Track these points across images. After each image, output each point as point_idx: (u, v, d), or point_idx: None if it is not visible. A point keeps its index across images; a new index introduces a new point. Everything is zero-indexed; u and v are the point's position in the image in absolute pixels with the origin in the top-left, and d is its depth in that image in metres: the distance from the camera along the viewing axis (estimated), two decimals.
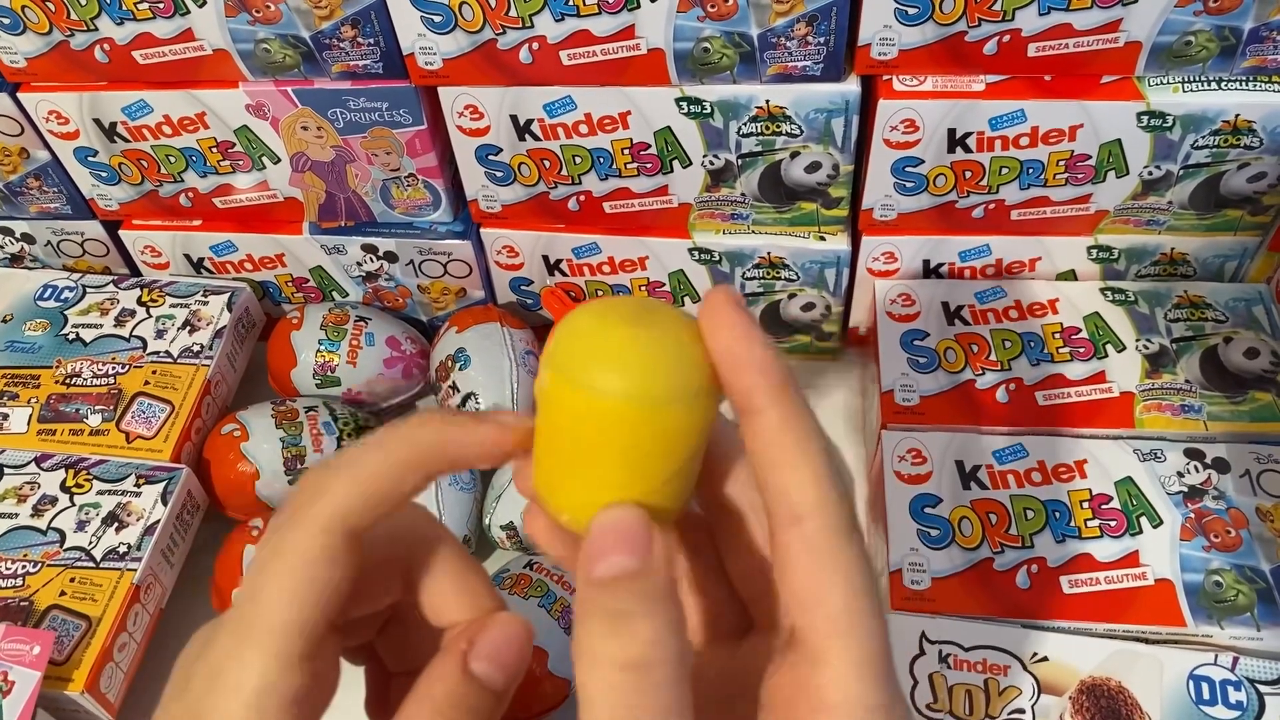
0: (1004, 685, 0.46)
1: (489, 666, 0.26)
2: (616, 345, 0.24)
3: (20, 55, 0.57)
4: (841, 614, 0.23)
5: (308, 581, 0.25)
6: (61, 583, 0.53)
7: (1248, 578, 0.48)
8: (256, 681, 0.24)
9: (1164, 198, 0.56)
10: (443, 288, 0.66)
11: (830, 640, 0.23)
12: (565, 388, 0.24)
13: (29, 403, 0.61)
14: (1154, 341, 0.57)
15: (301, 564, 0.25)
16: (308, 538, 0.25)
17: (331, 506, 0.25)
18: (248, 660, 0.24)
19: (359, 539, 0.25)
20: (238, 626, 0.25)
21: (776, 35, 0.50)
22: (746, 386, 0.24)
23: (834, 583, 0.23)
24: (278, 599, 0.24)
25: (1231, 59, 0.50)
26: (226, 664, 0.24)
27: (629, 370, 0.23)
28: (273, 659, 0.24)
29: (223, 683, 0.24)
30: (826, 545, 0.23)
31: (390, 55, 0.54)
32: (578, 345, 0.24)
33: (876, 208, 0.58)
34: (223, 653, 0.24)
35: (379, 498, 0.25)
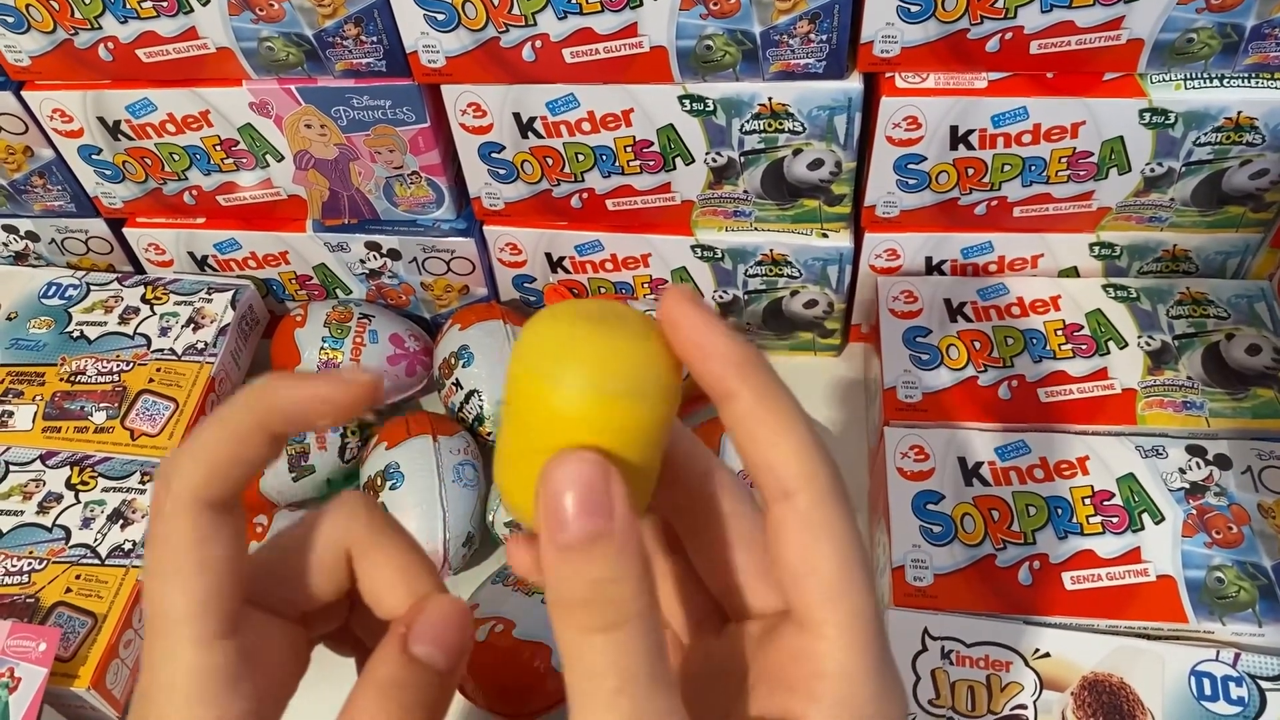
0: (1006, 681, 0.46)
1: (429, 648, 0.26)
2: (575, 341, 0.24)
3: (24, 54, 0.57)
4: (834, 582, 0.23)
5: (190, 565, 0.25)
6: (67, 580, 0.53)
7: (1249, 574, 0.49)
8: (184, 674, 0.24)
9: (1166, 195, 0.56)
10: (446, 285, 0.66)
11: (823, 608, 0.23)
12: (526, 384, 0.24)
13: (34, 400, 0.61)
14: (1156, 338, 0.57)
15: (175, 550, 0.25)
16: (171, 523, 0.25)
17: (180, 486, 0.25)
18: (171, 654, 0.25)
19: (227, 508, 0.26)
20: (151, 631, 0.25)
21: (779, 33, 0.50)
22: (716, 373, 0.24)
23: (826, 552, 0.23)
24: (169, 591, 0.25)
25: (1234, 56, 0.50)
26: (157, 666, 0.25)
27: (587, 364, 0.23)
28: (189, 646, 0.25)
29: (158, 684, 0.25)
30: (818, 516, 0.24)
31: (393, 53, 0.54)
32: (538, 343, 0.24)
33: (879, 205, 0.58)
34: (152, 658, 0.25)
35: (225, 466, 0.25)
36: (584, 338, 0.24)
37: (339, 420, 0.26)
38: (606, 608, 0.22)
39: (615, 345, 0.24)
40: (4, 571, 0.54)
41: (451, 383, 0.61)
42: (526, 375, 0.24)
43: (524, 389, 0.24)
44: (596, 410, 0.23)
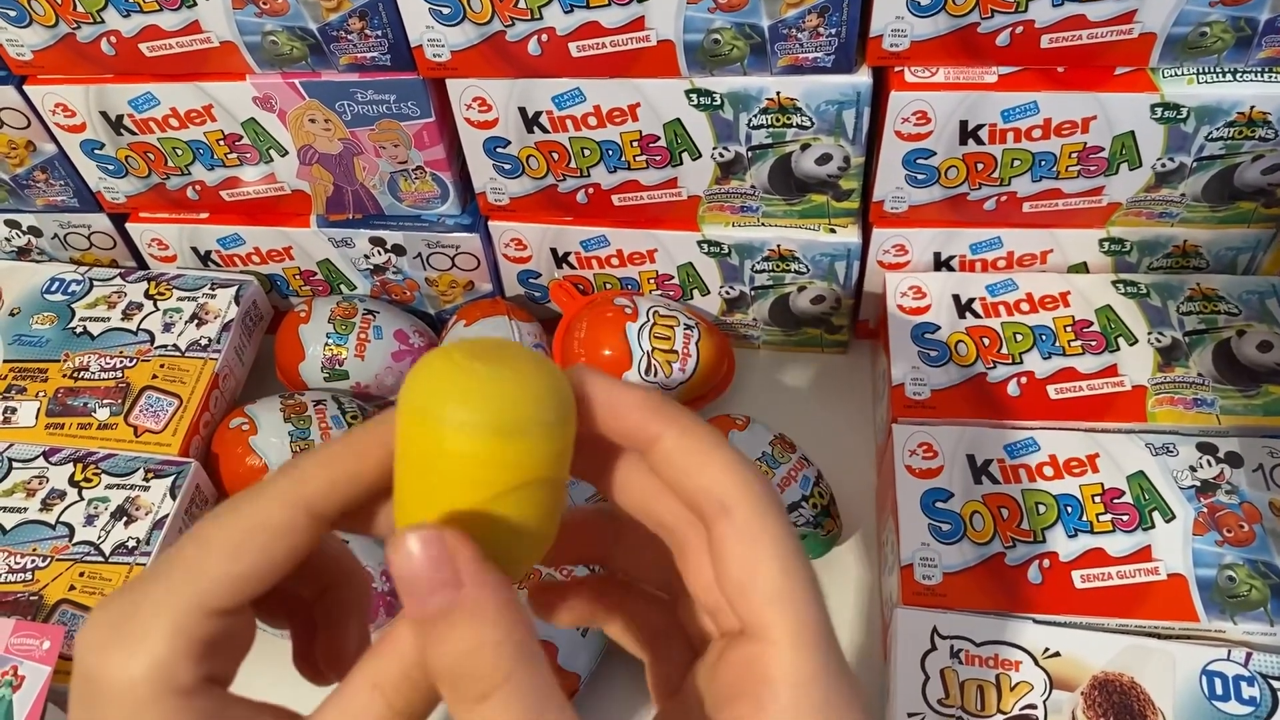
0: (1016, 680, 0.46)
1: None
2: (464, 380, 0.24)
3: (26, 48, 0.57)
4: (777, 588, 0.24)
5: (253, 542, 0.25)
6: (71, 577, 0.53)
7: (1261, 573, 0.48)
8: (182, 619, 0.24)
9: (1177, 190, 0.56)
10: (450, 280, 0.66)
11: (767, 613, 0.24)
12: (413, 423, 0.24)
13: (37, 396, 0.61)
14: (1166, 334, 0.57)
15: (252, 528, 0.25)
16: (268, 506, 0.25)
17: (299, 484, 0.25)
18: (173, 596, 0.24)
19: (320, 520, 0.25)
20: (165, 574, 0.25)
21: (787, 26, 0.50)
22: (637, 422, 0.25)
23: (766, 560, 0.24)
24: (220, 550, 0.24)
25: (1247, 50, 0.50)
26: (148, 599, 0.24)
27: (472, 401, 0.23)
28: (196, 603, 0.24)
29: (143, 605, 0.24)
30: (756, 526, 0.24)
31: (398, 47, 0.53)
32: (427, 382, 0.24)
33: (887, 200, 0.58)
34: (144, 596, 0.24)
35: (344, 480, 0.26)
36: (475, 375, 0.24)
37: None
38: (474, 680, 0.22)
39: (503, 384, 0.24)
40: (7, 569, 0.54)
41: None
42: (414, 411, 0.24)
43: (410, 427, 0.24)
44: (487, 447, 0.23)
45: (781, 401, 0.66)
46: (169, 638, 0.24)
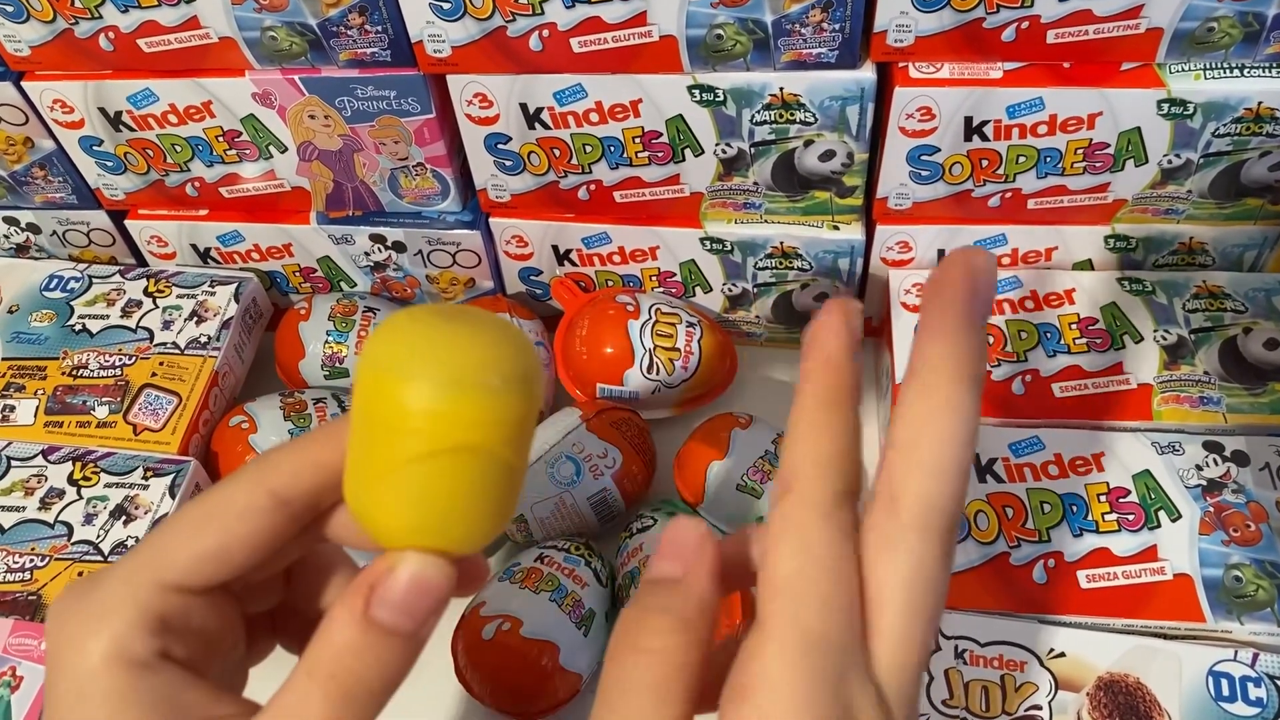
0: (1020, 681, 0.46)
1: (395, 614, 0.24)
2: (423, 333, 0.23)
3: (24, 43, 0.56)
4: (785, 583, 0.23)
5: (215, 523, 0.25)
6: (69, 577, 0.53)
7: (1268, 572, 0.48)
8: (136, 595, 0.25)
9: (1183, 186, 0.55)
10: (451, 278, 0.65)
11: (767, 606, 0.23)
12: (367, 375, 0.23)
13: (35, 394, 0.61)
14: (1172, 332, 0.56)
15: (214, 510, 0.25)
16: (230, 489, 0.26)
17: (264, 469, 0.26)
18: (130, 575, 0.25)
19: (286, 506, 0.26)
20: (126, 558, 0.25)
21: (791, 22, 0.49)
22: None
23: (785, 553, 0.23)
24: (183, 531, 0.25)
25: (1255, 45, 0.49)
26: (105, 582, 0.25)
27: (427, 352, 0.23)
28: (152, 580, 0.25)
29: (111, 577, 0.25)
30: (795, 516, 0.23)
31: (398, 43, 0.53)
32: (386, 334, 0.24)
33: (891, 196, 0.57)
34: (102, 579, 0.25)
35: (309, 466, 0.26)
36: (435, 334, 0.23)
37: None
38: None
39: (467, 340, 0.23)
40: (5, 568, 0.53)
41: None
42: (376, 375, 0.23)
43: (374, 390, 0.23)
44: (450, 405, 0.23)
45: (785, 399, 0.66)
46: (125, 610, 0.24)
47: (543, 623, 0.49)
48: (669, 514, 0.55)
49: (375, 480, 0.24)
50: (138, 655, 0.24)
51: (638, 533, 0.54)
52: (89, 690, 0.24)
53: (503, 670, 0.49)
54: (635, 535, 0.54)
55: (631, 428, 0.57)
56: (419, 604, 0.24)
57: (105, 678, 0.24)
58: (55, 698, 0.25)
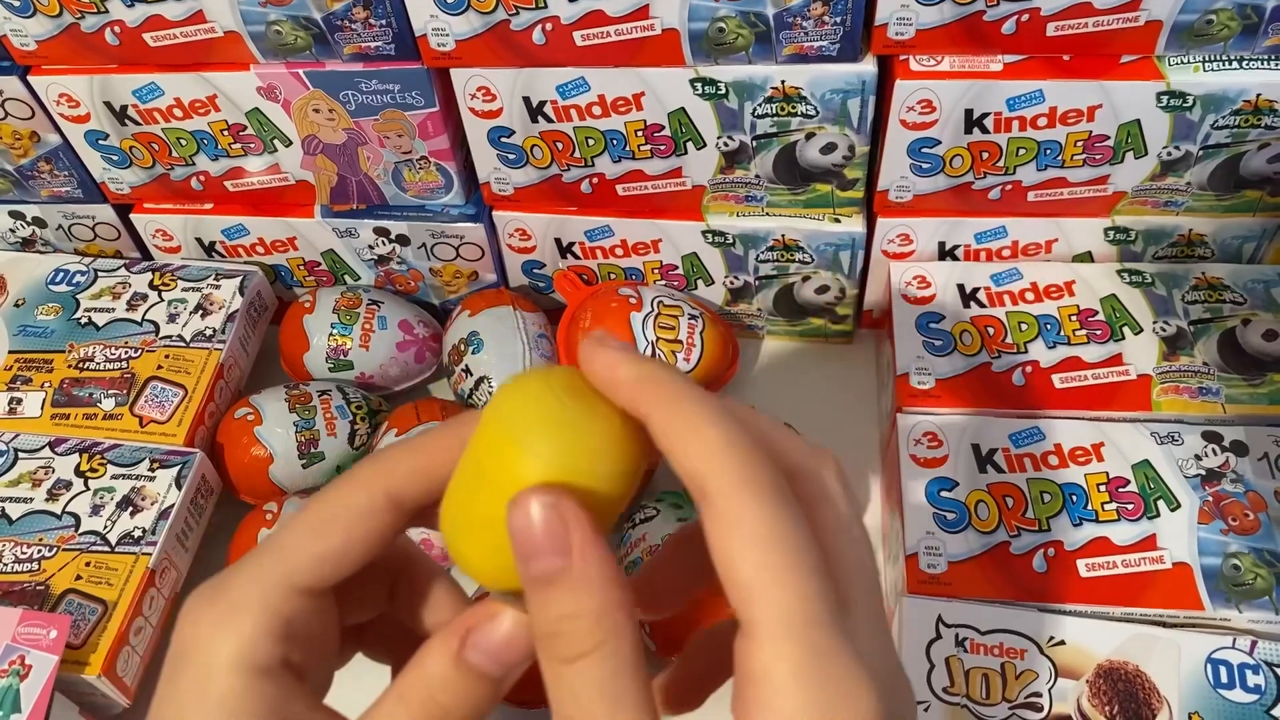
0: (1021, 669, 0.46)
1: (485, 659, 0.25)
2: (554, 411, 0.24)
3: (30, 38, 0.57)
4: (750, 580, 0.22)
5: (338, 524, 0.26)
6: (77, 567, 0.53)
7: (1266, 561, 0.48)
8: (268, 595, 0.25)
9: (1182, 179, 0.55)
10: (455, 271, 0.66)
11: (747, 608, 0.22)
12: (493, 434, 0.25)
13: (42, 387, 0.61)
14: (1171, 324, 0.57)
15: (336, 511, 0.26)
16: (351, 491, 0.26)
17: (382, 472, 0.26)
18: (262, 574, 0.25)
19: (400, 507, 0.26)
20: (255, 556, 0.26)
21: (792, 15, 0.50)
22: (628, 400, 0.24)
23: (739, 549, 0.22)
24: (306, 532, 0.26)
25: (1253, 38, 0.50)
26: (238, 580, 0.26)
27: (555, 434, 0.24)
28: (282, 580, 0.25)
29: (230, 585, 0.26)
30: (730, 512, 0.23)
31: (402, 36, 0.53)
32: (521, 400, 0.25)
33: (892, 189, 0.58)
34: (235, 576, 0.26)
35: (424, 471, 0.26)
36: (563, 412, 0.24)
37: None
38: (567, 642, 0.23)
39: (587, 425, 0.24)
40: (14, 559, 0.54)
41: (461, 369, 0.61)
42: (499, 432, 0.25)
43: (494, 447, 0.25)
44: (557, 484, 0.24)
45: (786, 391, 0.66)
46: (255, 612, 0.25)
47: None
48: (672, 504, 0.55)
49: (475, 527, 0.25)
50: (261, 661, 0.25)
51: (640, 523, 0.54)
52: (210, 690, 0.25)
53: None
54: (638, 525, 0.54)
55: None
56: (509, 656, 0.25)
57: (226, 680, 0.25)
58: (174, 693, 0.25)
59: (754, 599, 0.22)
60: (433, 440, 0.27)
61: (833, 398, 0.65)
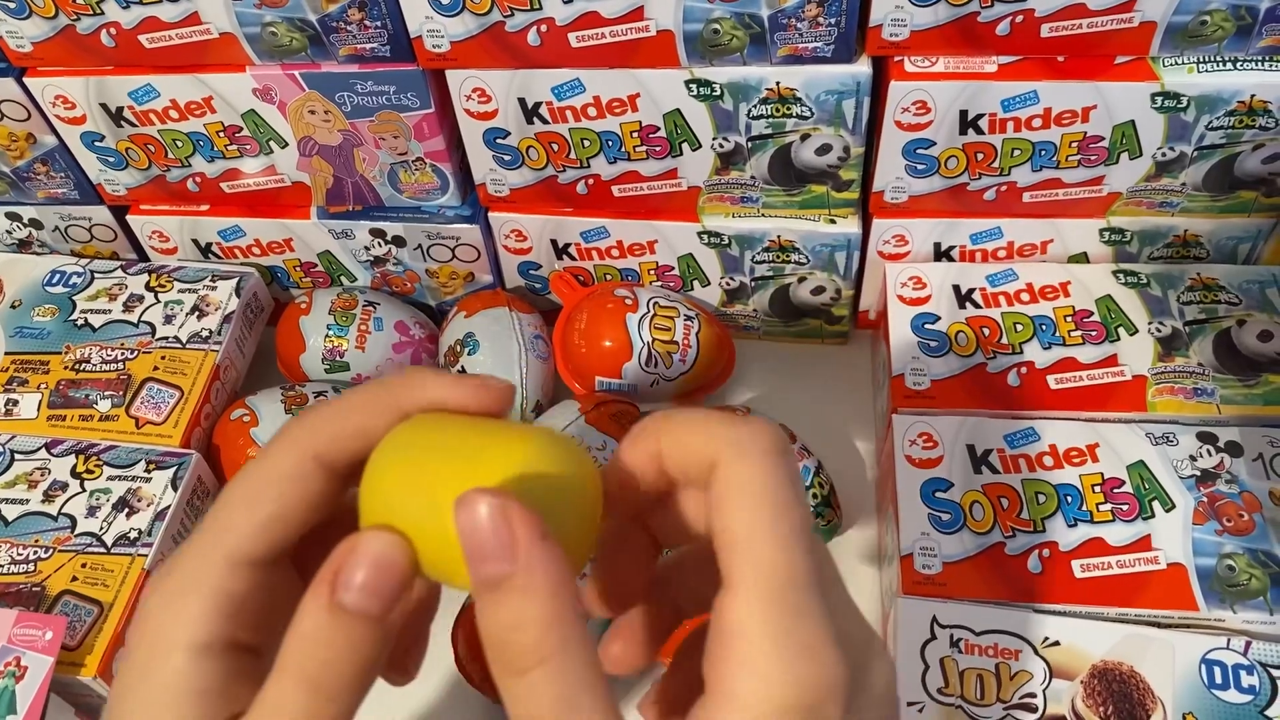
0: (1015, 669, 0.46)
1: (360, 596, 0.23)
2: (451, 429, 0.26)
3: (26, 39, 0.57)
4: (742, 532, 0.23)
5: (269, 491, 0.25)
6: (73, 568, 0.53)
7: (1261, 562, 0.48)
8: (210, 573, 0.25)
9: (1177, 179, 0.56)
10: (451, 272, 0.66)
11: (729, 559, 0.23)
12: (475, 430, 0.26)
13: (38, 388, 0.61)
14: (1166, 324, 0.57)
15: (266, 479, 0.25)
16: (277, 457, 0.26)
17: (308, 434, 0.26)
18: (204, 552, 0.25)
19: (330, 469, 0.26)
20: (198, 535, 0.26)
21: (787, 16, 0.50)
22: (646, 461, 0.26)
23: (737, 504, 0.23)
24: (240, 504, 0.25)
25: (1247, 39, 0.50)
26: (183, 560, 0.25)
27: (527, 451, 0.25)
28: (223, 556, 0.25)
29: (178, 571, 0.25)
30: (734, 474, 0.24)
31: (397, 38, 0.53)
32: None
33: (887, 190, 0.58)
34: (180, 556, 0.26)
35: (351, 432, 0.26)
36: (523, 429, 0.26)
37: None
38: (516, 653, 0.22)
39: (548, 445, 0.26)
40: (10, 560, 0.54)
41: (457, 370, 0.61)
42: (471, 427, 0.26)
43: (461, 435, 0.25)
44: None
45: (782, 392, 0.66)
46: (201, 592, 0.25)
47: None
48: None
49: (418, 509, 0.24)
50: (205, 640, 0.25)
51: None
52: (156, 670, 0.24)
53: None
54: None
55: (630, 420, 0.58)
56: (385, 585, 0.24)
57: (171, 659, 0.24)
58: (126, 672, 0.25)
59: (741, 553, 0.23)
60: (358, 400, 0.26)
61: (828, 398, 0.65)
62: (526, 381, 0.60)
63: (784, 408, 0.60)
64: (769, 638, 0.22)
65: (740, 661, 0.23)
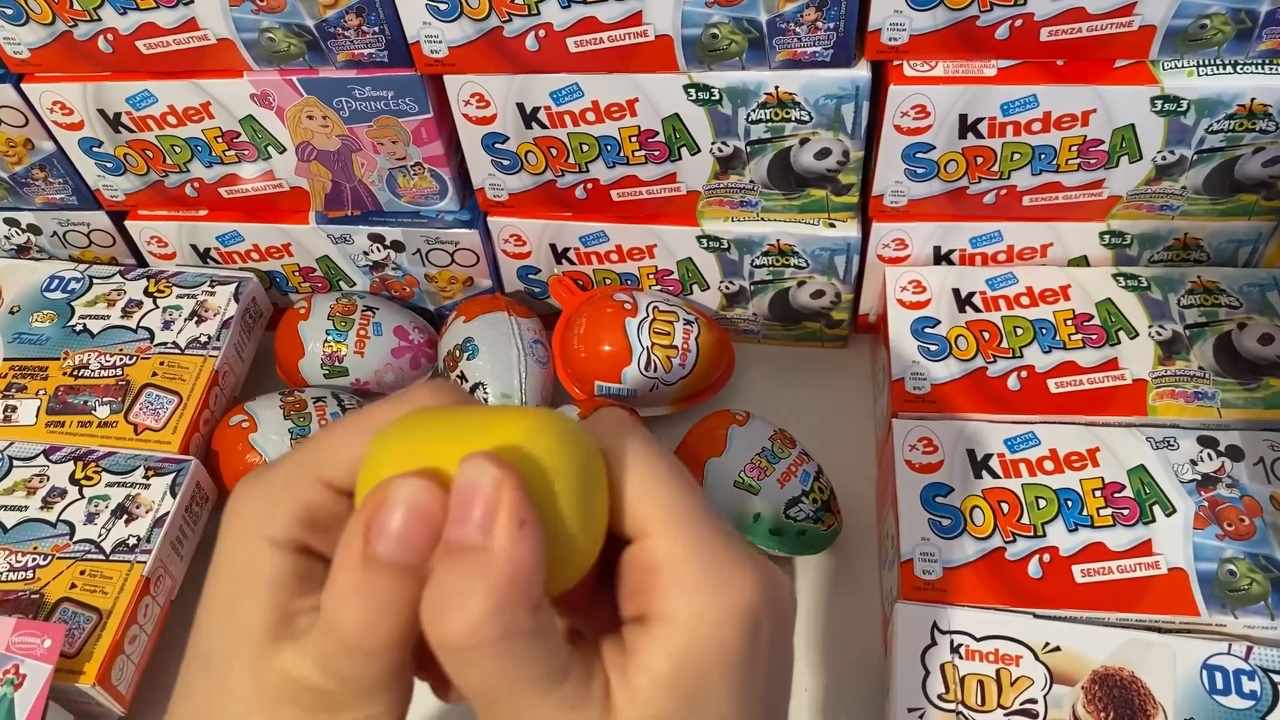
0: (1016, 675, 0.46)
1: (394, 546, 0.23)
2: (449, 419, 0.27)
3: (23, 46, 0.57)
4: (644, 490, 0.26)
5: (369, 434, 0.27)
6: (72, 575, 0.53)
7: (1262, 566, 0.48)
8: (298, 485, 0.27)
9: (1177, 183, 0.55)
10: (450, 277, 0.66)
11: (641, 508, 0.26)
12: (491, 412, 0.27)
13: (37, 394, 0.61)
14: (1167, 328, 0.57)
15: (370, 423, 0.27)
16: (385, 407, 0.28)
17: (414, 398, 0.28)
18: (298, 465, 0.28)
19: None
20: (295, 450, 0.28)
21: (786, 21, 0.50)
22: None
23: (634, 478, 0.26)
24: (341, 434, 0.28)
25: (1247, 42, 0.50)
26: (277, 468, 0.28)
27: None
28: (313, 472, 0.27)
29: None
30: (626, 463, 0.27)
31: (395, 43, 0.53)
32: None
33: (887, 194, 0.57)
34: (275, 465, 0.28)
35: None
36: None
37: None
38: (449, 625, 0.23)
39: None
40: (8, 567, 0.54)
41: (456, 375, 0.61)
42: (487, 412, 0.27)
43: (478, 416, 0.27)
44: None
45: (782, 396, 0.66)
46: (283, 496, 0.27)
47: None
48: None
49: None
50: (279, 535, 0.26)
51: None
52: (238, 555, 0.27)
53: None
54: None
55: None
56: (418, 533, 0.23)
57: (246, 546, 0.26)
58: (215, 556, 0.27)
59: (646, 502, 0.26)
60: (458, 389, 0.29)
61: (828, 403, 0.65)
62: (525, 386, 0.60)
63: (784, 412, 0.60)
64: (692, 561, 0.25)
65: (671, 587, 0.25)
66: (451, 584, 0.23)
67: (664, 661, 0.24)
